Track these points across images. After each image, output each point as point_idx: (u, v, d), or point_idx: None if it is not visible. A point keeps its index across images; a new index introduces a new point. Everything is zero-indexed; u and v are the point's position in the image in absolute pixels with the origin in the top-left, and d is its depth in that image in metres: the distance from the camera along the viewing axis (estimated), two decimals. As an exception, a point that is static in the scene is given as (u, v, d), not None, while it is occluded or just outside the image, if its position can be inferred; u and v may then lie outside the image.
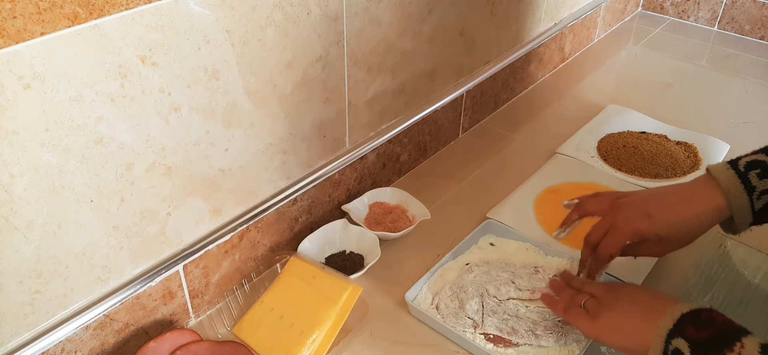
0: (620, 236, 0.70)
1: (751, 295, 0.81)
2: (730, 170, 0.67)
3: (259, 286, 0.82)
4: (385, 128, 0.97)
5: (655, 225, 0.69)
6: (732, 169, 0.66)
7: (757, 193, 0.65)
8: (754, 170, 0.65)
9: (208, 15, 0.64)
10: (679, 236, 0.69)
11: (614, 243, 0.71)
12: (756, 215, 0.66)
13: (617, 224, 0.71)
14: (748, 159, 0.67)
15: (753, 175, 0.65)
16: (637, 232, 0.70)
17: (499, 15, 1.13)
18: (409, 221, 0.92)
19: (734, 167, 0.67)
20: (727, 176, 0.66)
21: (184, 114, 0.66)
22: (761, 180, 0.65)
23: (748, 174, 0.65)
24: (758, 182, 0.65)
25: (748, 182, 0.65)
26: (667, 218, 0.68)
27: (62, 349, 0.64)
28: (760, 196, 0.65)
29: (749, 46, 1.58)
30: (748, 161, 0.66)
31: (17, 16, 0.50)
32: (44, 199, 0.57)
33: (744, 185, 0.65)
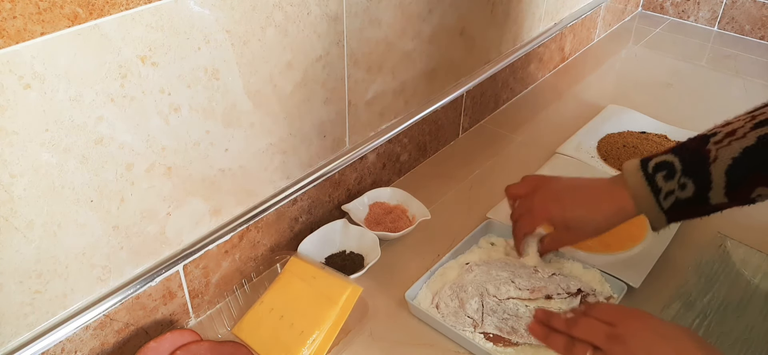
0: (534, 218, 0.78)
1: (751, 295, 0.81)
2: (638, 173, 0.69)
3: (259, 286, 0.82)
4: (385, 128, 0.97)
5: (565, 213, 0.74)
6: (641, 171, 0.69)
7: (663, 193, 0.67)
8: (660, 172, 0.67)
9: (208, 15, 0.64)
10: (586, 228, 0.74)
11: (528, 224, 0.79)
12: (669, 213, 0.68)
13: (533, 207, 0.78)
14: (657, 160, 0.68)
15: (659, 177, 0.67)
16: (548, 217, 0.76)
17: (499, 15, 1.13)
18: (409, 221, 0.92)
19: (644, 168, 0.69)
20: (635, 179, 0.69)
21: (184, 114, 0.66)
22: (667, 181, 0.67)
23: (655, 176, 0.68)
24: (664, 183, 0.67)
25: (655, 184, 0.68)
26: (576, 209, 0.73)
27: (62, 349, 0.64)
28: (667, 196, 0.67)
29: (749, 46, 1.58)
30: (656, 163, 0.68)
31: (17, 16, 0.50)
32: (44, 199, 0.57)
33: (650, 187, 0.68)
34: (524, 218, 0.79)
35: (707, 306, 0.80)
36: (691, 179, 0.66)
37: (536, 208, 0.77)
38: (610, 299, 0.78)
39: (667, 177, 0.67)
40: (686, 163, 0.66)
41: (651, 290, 0.81)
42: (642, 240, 0.88)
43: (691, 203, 0.66)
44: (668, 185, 0.67)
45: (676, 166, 0.67)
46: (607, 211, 0.71)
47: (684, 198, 0.66)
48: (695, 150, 0.66)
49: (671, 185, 0.67)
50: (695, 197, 0.66)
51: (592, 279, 0.81)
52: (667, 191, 0.67)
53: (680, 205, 0.67)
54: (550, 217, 0.76)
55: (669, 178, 0.67)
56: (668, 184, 0.67)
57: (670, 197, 0.67)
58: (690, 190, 0.66)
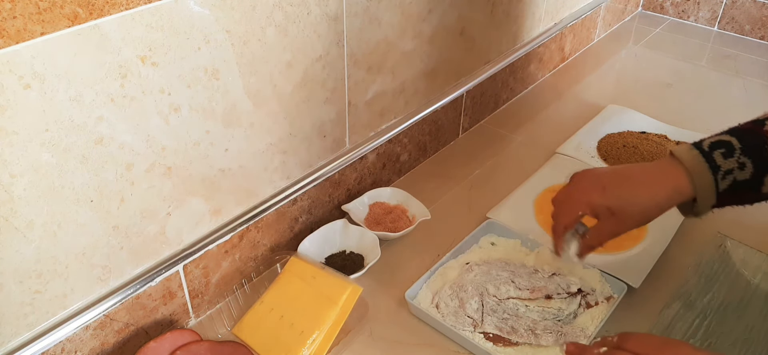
0: (573, 205, 0.70)
1: (751, 295, 0.81)
2: (693, 150, 0.65)
3: (259, 286, 0.82)
4: (385, 128, 0.97)
5: (608, 198, 0.67)
6: (696, 149, 0.65)
7: (722, 172, 0.64)
8: (718, 150, 0.64)
9: (208, 15, 0.64)
10: (632, 212, 0.67)
11: (568, 212, 0.71)
12: (719, 197, 0.65)
13: (572, 193, 0.71)
14: (712, 139, 0.66)
15: (718, 155, 0.64)
16: (589, 202, 0.69)
17: (499, 15, 1.13)
18: (409, 221, 0.92)
19: (698, 147, 0.66)
20: (691, 156, 0.65)
21: (184, 114, 0.66)
22: (726, 159, 0.64)
23: (712, 153, 0.64)
24: (723, 161, 0.64)
25: (713, 161, 0.64)
26: (621, 191, 0.67)
27: (62, 349, 0.64)
28: (725, 175, 0.64)
29: (749, 46, 1.58)
30: (712, 142, 0.65)
31: (17, 16, 0.50)
32: (44, 199, 0.57)
33: (708, 164, 0.64)
34: (562, 207, 0.72)
35: (707, 306, 0.80)
36: (750, 158, 0.63)
37: (575, 194, 0.70)
38: (610, 299, 0.78)
39: (725, 155, 0.64)
40: (744, 142, 0.64)
41: (651, 290, 0.81)
42: (642, 240, 0.88)
43: (746, 185, 0.63)
44: (727, 163, 0.64)
45: (735, 144, 0.64)
46: (658, 192, 0.65)
47: (741, 180, 0.63)
48: (752, 130, 0.64)
49: (730, 163, 0.64)
50: (752, 179, 0.63)
51: (592, 279, 0.81)
52: (727, 169, 0.64)
53: (735, 187, 0.64)
54: (591, 202, 0.68)
55: (728, 156, 0.64)
56: (727, 162, 0.64)
57: (728, 176, 0.64)
58: (748, 170, 0.63)
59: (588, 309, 0.77)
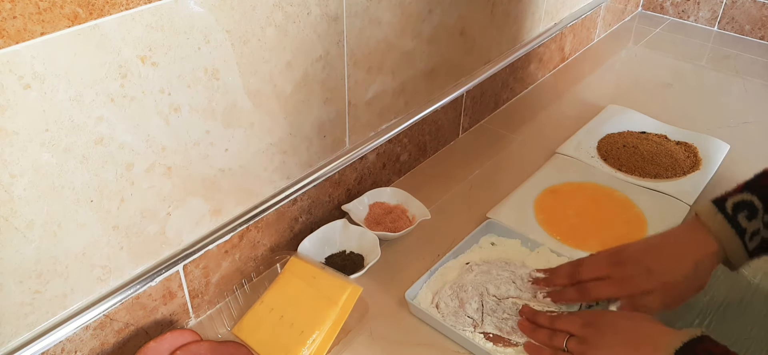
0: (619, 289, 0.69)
1: (751, 295, 0.81)
2: (719, 215, 0.66)
3: (259, 286, 0.82)
4: (385, 128, 0.97)
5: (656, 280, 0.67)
6: (721, 214, 0.66)
7: (748, 234, 0.65)
8: (742, 212, 0.65)
9: (208, 15, 0.64)
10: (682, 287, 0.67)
11: (609, 290, 0.70)
12: (752, 254, 0.67)
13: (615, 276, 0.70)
14: (734, 200, 0.66)
15: (742, 218, 0.65)
16: (638, 288, 0.68)
17: (499, 15, 1.13)
18: (409, 221, 0.92)
19: (722, 210, 0.66)
20: (717, 222, 0.66)
21: (184, 114, 0.66)
22: (750, 222, 0.65)
23: (737, 217, 0.65)
24: (748, 223, 0.65)
25: (739, 225, 0.65)
26: (667, 271, 0.67)
27: (62, 349, 0.64)
28: (752, 237, 0.65)
29: (749, 46, 1.58)
30: (735, 202, 0.66)
31: (17, 16, 0.50)
32: (44, 199, 0.57)
33: (735, 230, 0.65)
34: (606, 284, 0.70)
35: (707, 306, 0.79)
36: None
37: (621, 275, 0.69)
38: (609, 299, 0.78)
39: (749, 217, 0.65)
40: (766, 201, 0.65)
41: (651, 290, 0.81)
42: (642, 240, 0.88)
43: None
44: (752, 225, 0.65)
45: (756, 204, 0.65)
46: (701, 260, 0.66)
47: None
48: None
49: (755, 224, 0.65)
50: None
51: (592, 279, 0.81)
52: (753, 231, 0.65)
53: (764, 244, 0.65)
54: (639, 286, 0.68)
55: (752, 217, 0.65)
56: (752, 224, 0.65)
57: (755, 237, 0.65)
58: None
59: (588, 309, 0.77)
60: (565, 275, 0.75)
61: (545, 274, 0.78)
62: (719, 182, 1.02)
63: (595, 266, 0.73)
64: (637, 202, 0.97)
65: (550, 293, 0.75)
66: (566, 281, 0.75)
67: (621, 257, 0.71)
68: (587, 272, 0.73)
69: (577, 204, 0.97)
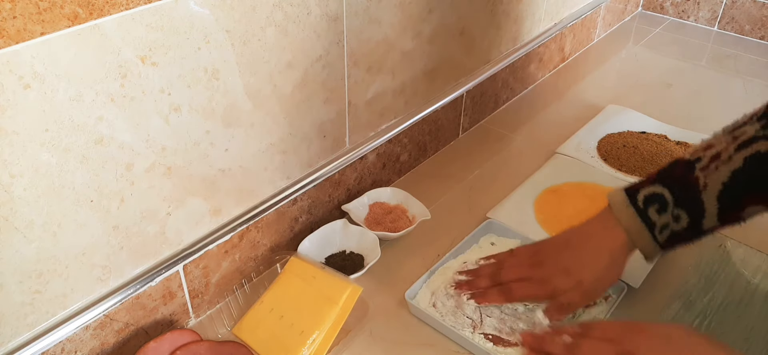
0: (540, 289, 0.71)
1: (751, 295, 0.81)
2: (630, 208, 0.67)
3: (259, 286, 0.82)
4: (385, 128, 0.97)
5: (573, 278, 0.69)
6: (632, 207, 0.67)
7: (658, 228, 0.66)
8: (652, 206, 0.66)
9: (208, 15, 0.64)
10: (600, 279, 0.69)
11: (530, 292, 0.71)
12: (663, 246, 0.67)
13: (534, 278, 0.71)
14: (646, 192, 0.66)
15: (652, 211, 0.65)
16: (556, 288, 0.70)
17: (499, 15, 1.13)
18: (409, 221, 0.92)
19: (633, 203, 0.66)
20: (628, 215, 0.67)
21: (184, 114, 0.66)
22: (660, 215, 0.65)
23: (647, 211, 0.66)
24: (657, 217, 0.65)
25: (648, 219, 0.66)
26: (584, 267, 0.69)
27: (62, 349, 0.64)
28: (662, 230, 0.66)
29: (749, 46, 1.58)
30: (646, 195, 0.66)
31: (17, 16, 0.50)
32: (44, 199, 0.57)
33: (645, 223, 0.66)
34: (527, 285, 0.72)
35: (707, 306, 0.80)
36: (684, 209, 0.65)
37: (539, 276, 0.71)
38: (609, 299, 0.78)
39: (660, 210, 0.65)
40: (677, 194, 0.65)
41: (651, 290, 0.81)
42: (642, 240, 0.88)
43: (685, 232, 0.65)
44: (662, 219, 0.65)
45: (667, 198, 0.65)
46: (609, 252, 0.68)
47: (679, 229, 0.65)
48: (683, 178, 0.65)
49: (665, 218, 0.65)
50: (690, 227, 0.65)
51: (592, 279, 0.81)
52: (662, 224, 0.66)
53: (674, 236, 0.66)
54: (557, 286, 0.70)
55: (662, 211, 0.65)
56: (662, 217, 0.65)
57: (665, 230, 0.66)
58: (684, 221, 0.65)
59: (587, 309, 0.77)
60: (487, 276, 0.76)
61: (468, 276, 0.78)
62: (719, 182, 1.02)
63: (516, 267, 0.74)
64: (637, 202, 0.97)
65: (473, 294, 0.75)
66: (489, 282, 0.75)
67: (539, 258, 0.73)
68: (508, 273, 0.74)
69: (577, 204, 0.97)
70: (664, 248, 0.67)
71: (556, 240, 0.74)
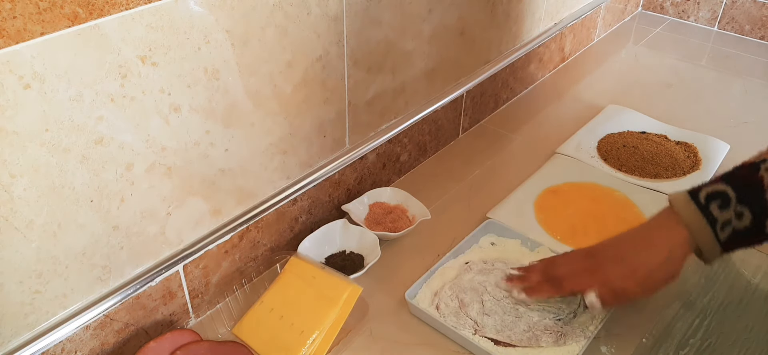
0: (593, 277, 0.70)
1: (751, 295, 0.81)
2: (691, 204, 0.66)
3: (259, 286, 0.82)
4: (385, 128, 0.97)
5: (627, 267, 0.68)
6: (693, 203, 0.66)
7: (720, 224, 0.65)
8: (714, 202, 0.65)
9: (208, 15, 0.64)
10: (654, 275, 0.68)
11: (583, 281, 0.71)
12: (724, 245, 0.66)
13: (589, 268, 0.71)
14: (708, 190, 0.66)
15: (714, 207, 0.65)
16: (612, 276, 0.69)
17: (499, 15, 1.13)
18: (409, 221, 0.92)
19: (695, 199, 0.66)
20: (690, 211, 0.66)
21: (184, 114, 0.66)
22: (722, 211, 0.64)
23: (709, 206, 0.65)
24: (719, 213, 0.65)
25: (710, 215, 0.65)
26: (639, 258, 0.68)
27: (62, 349, 0.64)
28: (724, 227, 0.65)
29: (749, 46, 1.58)
30: (708, 192, 0.66)
31: (17, 16, 0.50)
32: (44, 199, 0.57)
33: (706, 219, 0.65)
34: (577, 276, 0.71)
35: (707, 306, 0.80)
36: (747, 207, 0.63)
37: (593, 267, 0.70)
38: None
39: (722, 207, 0.64)
40: (740, 191, 0.64)
41: (651, 290, 0.81)
42: (642, 240, 0.88)
43: (747, 232, 0.64)
44: (724, 215, 0.64)
45: (730, 194, 0.64)
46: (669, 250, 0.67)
47: (741, 229, 0.64)
48: (747, 177, 0.65)
49: (727, 214, 0.64)
50: (752, 227, 0.64)
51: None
52: (724, 221, 0.64)
53: (737, 236, 0.65)
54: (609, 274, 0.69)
55: (724, 207, 0.64)
56: (724, 214, 0.64)
57: (727, 227, 0.64)
58: (747, 219, 0.63)
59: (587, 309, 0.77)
60: (539, 272, 0.76)
61: (521, 272, 0.78)
62: (719, 182, 1.02)
63: (569, 260, 0.74)
64: (637, 202, 0.97)
65: (525, 288, 0.75)
66: (541, 277, 0.75)
67: (594, 251, 0.72)
68: (561, 266, 0.74)
69: (577, 204, 0.97)
70: (724, 247, 0.66)
71: (612, 238, 0.73)
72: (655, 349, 0.74)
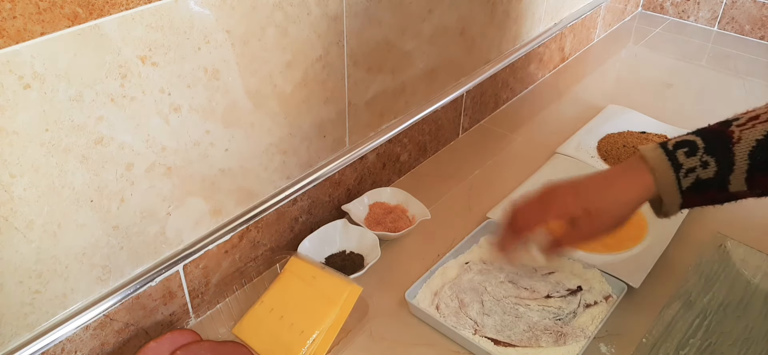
0: (546, 208, 0.69)
1: (751, 295, 0.81)
2: (657, 149, 0.66)
3: (259, 286, 0.82)
4: (385, 128, 0.97)
5: (583, 199, 0.68)
6: (660, 148, 0.66)
7: (684, 170, 0.64)
8: (681, 149, 0.65)
9: (208, 15, 0.64)
10: (607, 210, 0.67)
11: (537, 215, 0.70)
12: (684, 195, 0.65)
13: (544, 199, 0.70)
14: (677, 139, 0.66)
15: (681, 154, 0.65)
16: (564, 205, 0.69)
17: (499, 15, 1.13)
18: (409, 221, 0.92)
19: (663, 147, 0.67)
20: (655, 155, 0.66)
21: (184, 114, 0.66)
22: (688, 158, 0.64)
23: (675, 152, 0.65)
24: (685, 159, 0.65)
25: (675, 160, 0.65)
26: (595, 194, 0.68)
27: (62, 349, 0.64)
28: (687, 173, 0.64)
29: (749, 46, 1.58)
30: (677, 141, 0.66)
31: (17, 16, 0.50)
32: (44, 199, 0.57)
33: (671, 162, 0.65)
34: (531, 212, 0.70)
35: (707, 306, 0.80)
36: (713, 157, 0.63)
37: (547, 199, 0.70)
38: (608, 299, 0.78)
39: (688, 153, 0.65)
40: (708, 141, 0.64)
41: (651, 290, 0.81)
42: (642, 240, 0.88)
43: (710, 184, 0.64)
44: (690, 162, 0.64)
45: (698, 143, 0.64)
46: (628, 190, 0.67)
47: (704, 178, 0.64)
48: (717, 130, 0.65)
49: (693, 161, 0.64)
50: (716, 178, 0.63)
51: (592, 278, 0.81)
52: (688, 167, 0.64)
53: (699, 186, 0.64)
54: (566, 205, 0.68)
55: (691, 154, 0.64)
56: (690, 160, 0.64)
57: (690, 174, 0.64)
58: (711, 169, 0.63)
59: (587, 309, 0.77)
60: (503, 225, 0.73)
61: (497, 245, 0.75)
62: (719, 182, 1.02)
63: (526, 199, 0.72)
64: (637, 202, 0.97)
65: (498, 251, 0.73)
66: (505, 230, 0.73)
67: (551, 185, 0.72)
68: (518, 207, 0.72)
69: (577, 204, 0.97)
70: (685, 197, 0.65)
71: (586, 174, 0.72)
72: (655, 349, 0.74)
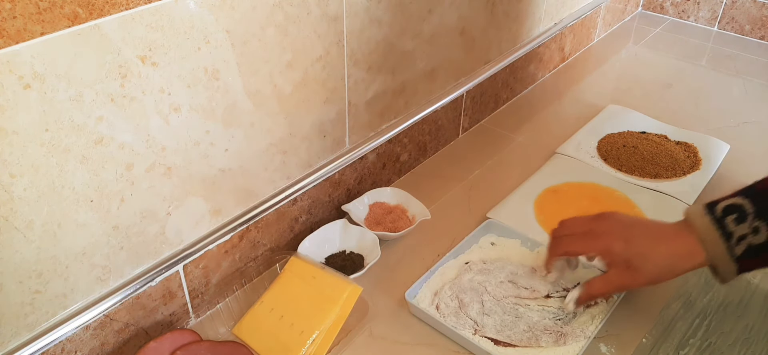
0: (593, 242, 0.70)
1: (751, 295, 0.81)
2: (706, 217, 0.65)
3: (259, 286, 0.82)
4: (385, 128, 0.97)
5: (630, 250, 0.68)
6: (709, 215, 0.65)
7: (735, 238, 0.63)
8: (730, 215, 0.63)
9: (208, 15, 0.64)
10: (648, 270, 0.67)
11: (582, 245, 0.70)
12: (739, 262, 0.64)
13: (595, 230, 0.70)
14: (725, 203, 0.65)
15: (730, 221, 0.63)
16: (610, 249, 0.69)
17: (499, 15, 1.13)
18: (409, 221, 0.92)
19: (711, 213, 0.65)
20: (703, 223, 0.65)
21: (184, 114, 0.66)
22: (738, 225, 0.63)
23: (724, 219, 0.64)
24: (735, 227, 0.63)
25: (725, 228, 0.63)
26: (642, 248, 0.67)
27: (62, 349, 0.64)
28: (739, 241, 0.63)
29: (749, 46, 1.58)
30: (725, 205, 0.64)
31: (17, 16, 0.50)
32: (44, 199, 0.57)
33: (721, 232, 0.63)
34: (580, 238, 0.71)
35: (707, 306, 0.80)
36: (764, 221, 0.62)
37: (599, 232, 0.69)
38: (609, 299, 0.78)
39: (738, 220, 0.63)
40: (758, 205, 0.62)
41: (651, 289, 0.81)
42: (642, 240, 0.88)
43: (764, 249, 0.62)
44: (740, 229, 0.62)
45: (747, 208, 0.63)
46: (677, 254, 0.66)
47: (757, 244, 0.62)
48: (766, 191, 0.63)
49: (743, 229, 0.62)
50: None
51: (592, 279, 0.81)
52: (739, 235, 0.62)
53: (752, 251, 0.62)
54: (612, 249, 0.68)
55: (740, 221, 0.62)
56: (740, 228, 0.62)
57: (742, 242, 0.63)
58: (763, 234, 0.62)
59: (587, 309, 0.77)
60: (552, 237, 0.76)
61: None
62: (719, 182, 1.02)
63: (575, 221, 0.73)
64: (637, 202, 0.97)
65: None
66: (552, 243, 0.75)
67: (606, 214, 0.72)
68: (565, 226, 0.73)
69: (577, 204, 0.97)
70: (740, 264, 0.64)
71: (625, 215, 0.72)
72: (655, 349, 0.74)
